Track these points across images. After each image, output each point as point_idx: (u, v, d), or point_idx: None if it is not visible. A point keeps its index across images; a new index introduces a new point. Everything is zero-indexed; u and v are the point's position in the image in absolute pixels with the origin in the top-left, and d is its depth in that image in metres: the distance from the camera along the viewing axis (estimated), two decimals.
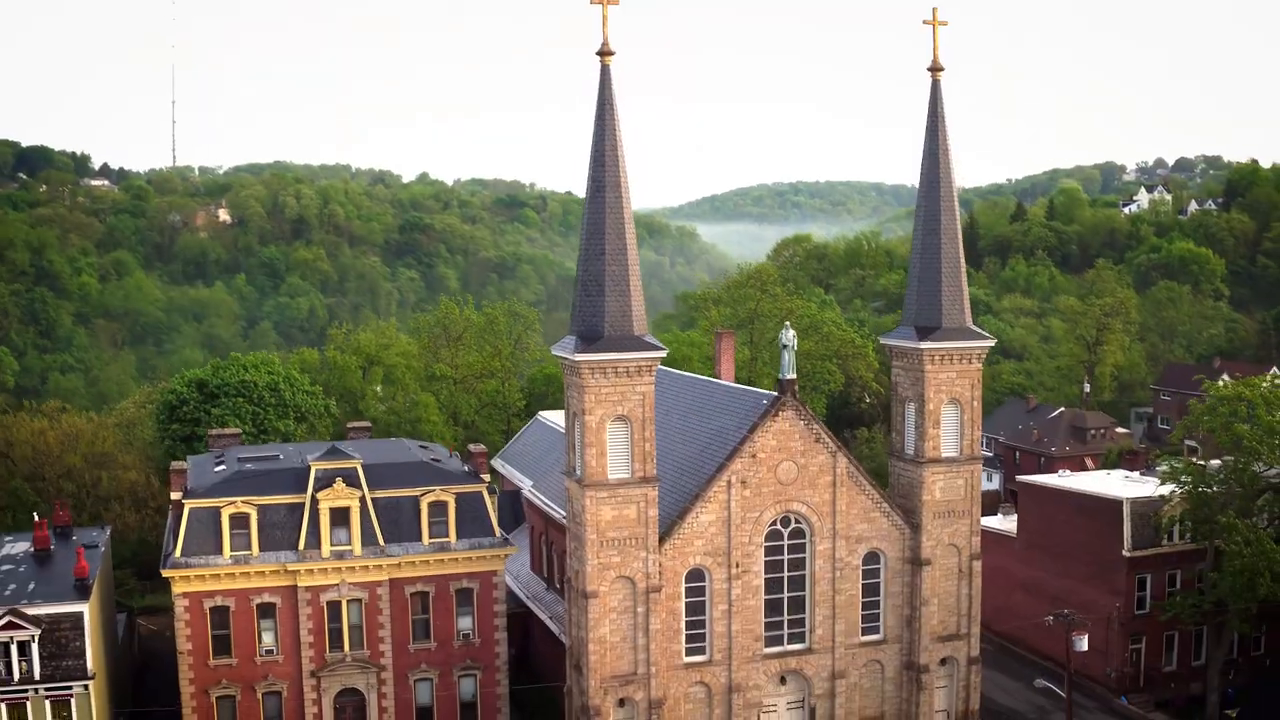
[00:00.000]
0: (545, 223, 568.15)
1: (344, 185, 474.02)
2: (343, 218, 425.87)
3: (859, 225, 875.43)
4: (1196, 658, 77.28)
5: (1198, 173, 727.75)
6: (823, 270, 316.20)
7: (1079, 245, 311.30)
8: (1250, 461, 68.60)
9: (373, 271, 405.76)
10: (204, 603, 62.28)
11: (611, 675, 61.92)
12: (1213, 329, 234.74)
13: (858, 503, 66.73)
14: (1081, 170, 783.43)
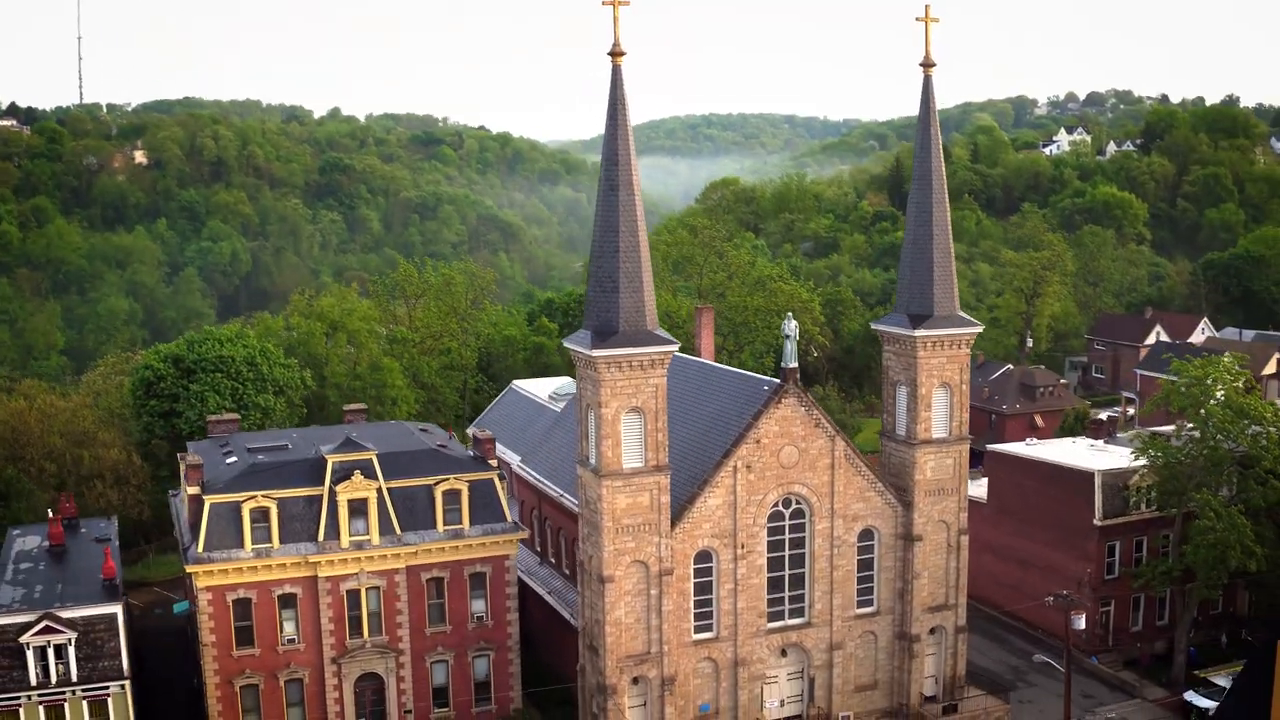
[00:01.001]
0: (463, 160, 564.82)
1: (261, 125, 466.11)
2: (262, 159, 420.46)
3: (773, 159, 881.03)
4: (1160, 618, 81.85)
5: (1108, 107, 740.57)
6: (751, 214, 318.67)
7: (1003, 188, 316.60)
8: (1219, 439, 72.50)
9: (294, 214, 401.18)
10: (227, 595, 63.61)
11: (627, 655, 64.54)
12: (1137, 272, 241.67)
13: (854, 483, 69.69)
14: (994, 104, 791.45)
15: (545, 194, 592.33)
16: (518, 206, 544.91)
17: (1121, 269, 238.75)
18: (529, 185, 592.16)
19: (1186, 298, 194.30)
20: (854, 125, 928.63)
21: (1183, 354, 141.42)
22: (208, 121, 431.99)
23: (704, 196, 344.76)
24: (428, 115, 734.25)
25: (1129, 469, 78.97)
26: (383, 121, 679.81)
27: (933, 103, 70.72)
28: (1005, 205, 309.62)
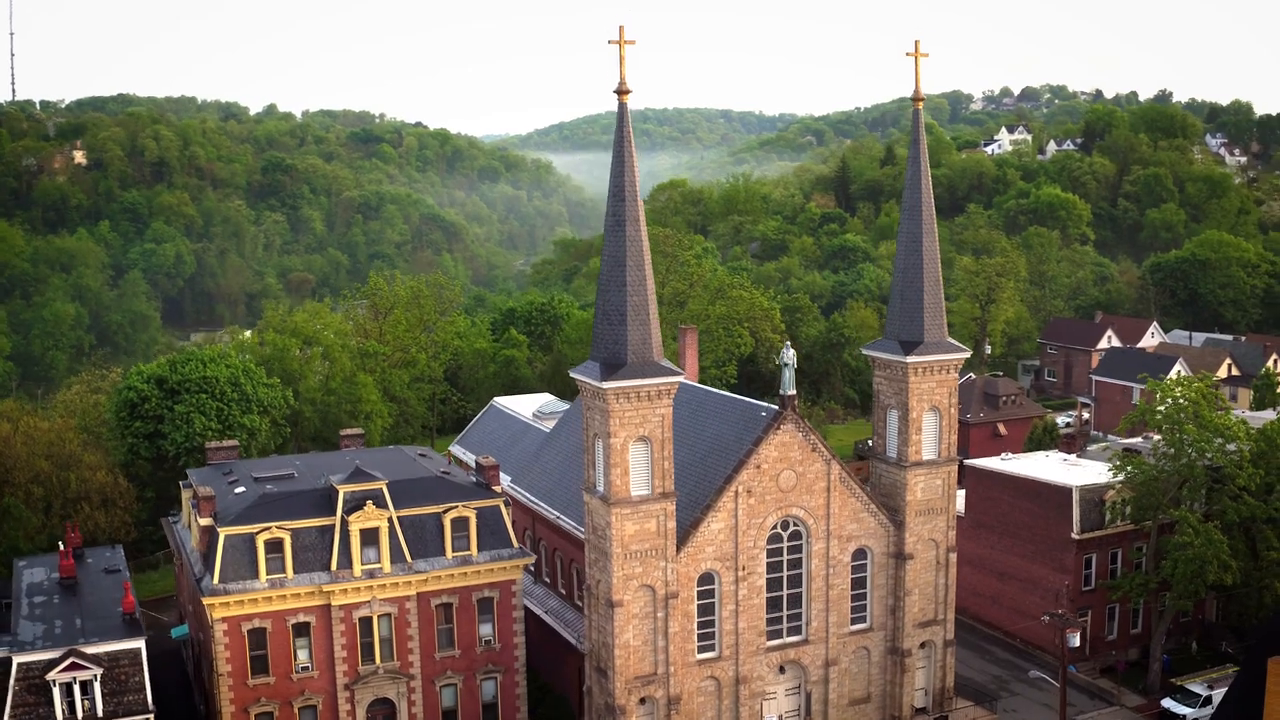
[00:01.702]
0: (403, 158, 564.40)
1: (201, 124, 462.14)
2: (204, 159, 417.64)
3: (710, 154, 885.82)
4: (1134, 627, 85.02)
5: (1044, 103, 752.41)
6: (699, 215, 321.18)
7: (948, 189, 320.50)
8: (1193, 456, 75.54)
9: (238, 215, 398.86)
10: (242, 626, 64.60)
11: (635, 676, 66.41)
12: (1082, 273, 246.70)
13: (849, 505, 71.99)
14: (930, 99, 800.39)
15: (485, 191, 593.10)
16: (458, 205, 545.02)
17: (1067, 270, 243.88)
18: (469, 183, 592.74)
19: (1135, 301, 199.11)
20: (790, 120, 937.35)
21: (1135, 359, 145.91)
22: (147, 121, 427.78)
23: (651, 199, 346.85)
24: (364, 112, 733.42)
25: (1105, 484, 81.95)
26: (319, 119, 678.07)
27: (922, 137, 73.28)
28: (950, 205, 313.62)
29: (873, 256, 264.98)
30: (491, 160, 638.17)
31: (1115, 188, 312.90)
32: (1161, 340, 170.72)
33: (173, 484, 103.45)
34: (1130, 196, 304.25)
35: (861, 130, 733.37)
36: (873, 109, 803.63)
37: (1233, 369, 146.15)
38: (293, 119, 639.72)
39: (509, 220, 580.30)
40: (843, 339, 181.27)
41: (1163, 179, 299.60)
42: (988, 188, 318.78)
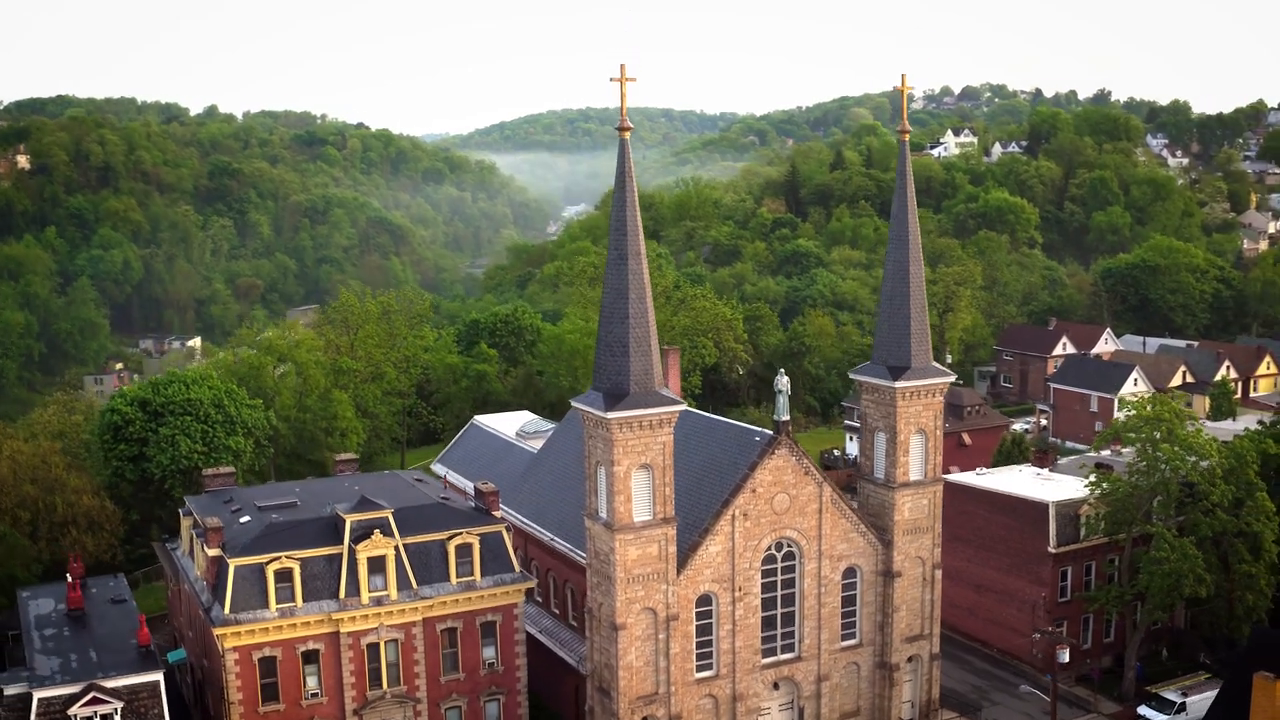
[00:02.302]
0: (347, 160, 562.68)
1: (145, 128, 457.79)
2: (149, 164, 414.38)
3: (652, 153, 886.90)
4: (1107, 635, 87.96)
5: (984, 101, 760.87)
6: (651, 220, 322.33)
7: None
8: (1167, 474, 78.44)
9: (185, 220, 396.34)
10: (253, 655, 65.72)
11: (638, 696, 68.25)
12: (1031, 276, 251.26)
13: (839, 526, 74.22)
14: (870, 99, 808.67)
15: (430, 193, 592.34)
16: (403, 207, 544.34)
17: (1016, 274, 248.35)
18: (413, 185, 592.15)
19: (1089, 307, 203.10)
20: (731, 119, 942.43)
21: (1092, 368, 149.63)
22: (91, 125, 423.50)
23: (603, 204, 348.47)
24: (305, 112, 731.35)
25: (1080, 499, 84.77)
26: (261, 120, 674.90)
27: (908, 169, 75.76)
28: None
29: (825, 262, 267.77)
30: (435, 162, 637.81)
31: (1061, 191, 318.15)
32: (1116, 347, 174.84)
33: (157, 506, 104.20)
34: (1076, 199, 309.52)
35: (804, 130, 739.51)
36: (815, 108, 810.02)
37: (1187, 376, 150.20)
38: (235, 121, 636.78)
39: (454, 222, 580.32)
40: (804, 348, 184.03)
41: (1108, 182, 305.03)
42: (936, 191, 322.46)
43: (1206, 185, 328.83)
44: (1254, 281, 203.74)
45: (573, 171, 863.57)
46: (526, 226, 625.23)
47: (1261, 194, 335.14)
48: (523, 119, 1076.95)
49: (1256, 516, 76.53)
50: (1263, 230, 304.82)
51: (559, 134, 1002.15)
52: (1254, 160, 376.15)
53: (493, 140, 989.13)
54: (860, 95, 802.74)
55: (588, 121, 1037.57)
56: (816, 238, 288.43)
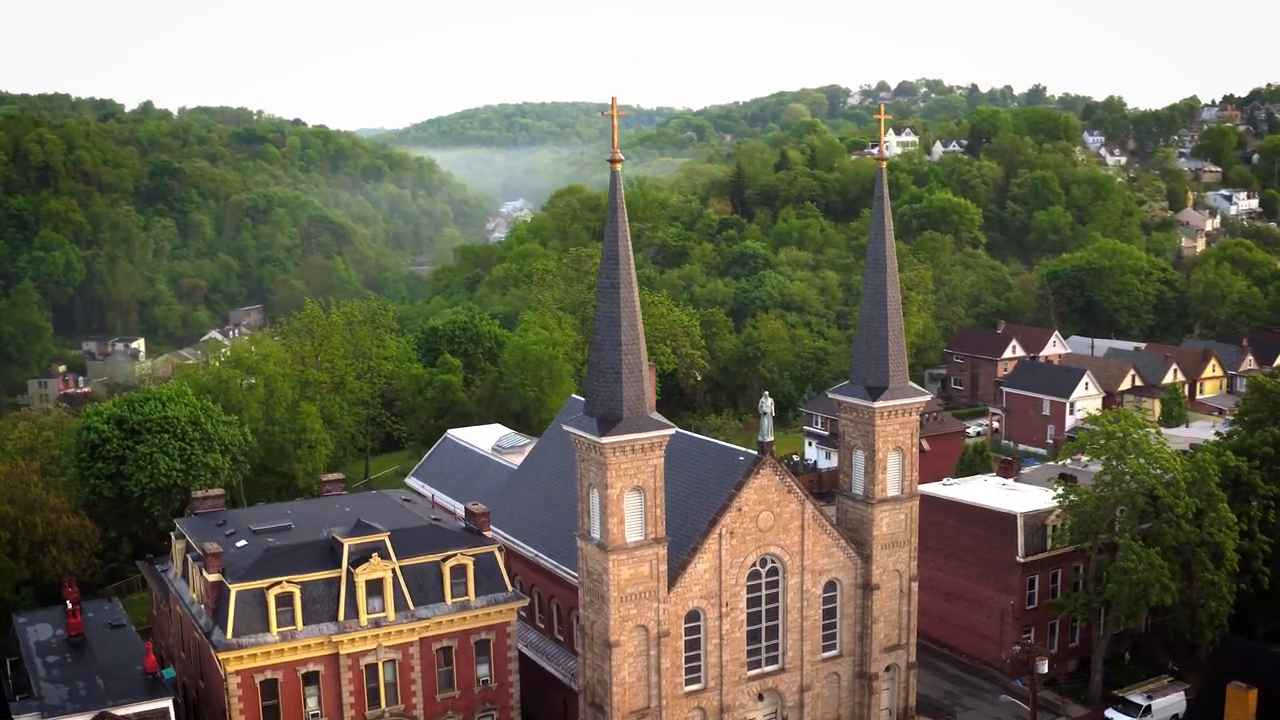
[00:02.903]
0: (286, 158, 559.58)
1: (84, 127, 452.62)
2: (90, 164, 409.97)
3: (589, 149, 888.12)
4: (1072, 640, 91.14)
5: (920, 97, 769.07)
6: (598, 221, 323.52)
7: (841, 193, 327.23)
8: (1135, 488, 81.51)
9: (127, 221, 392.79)
10: (255, 678, 66.86)
11: (630, 711, 70.21)
12: (975, 276, 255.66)
13: (820, 541, 76.55)
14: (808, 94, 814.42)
15: (369, 191, 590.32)
16: (343, 205, 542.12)
17: (961, 274, 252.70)
18: (353, 183, 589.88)
19: (1036, 309, 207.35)
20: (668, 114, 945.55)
21: (1043, 372, 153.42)
22: (29, 124, 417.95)
23: (550, 204, 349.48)
24: (242, 109, 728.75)
25: (1046, 510, 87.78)
26: (198, 116, 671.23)
27: (885, 194, 78.18)
28: (844, 209, 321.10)
29: (773, 263, 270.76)
30: (374, 159, 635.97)
31: (1003, 190, 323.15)
32: (1064, 350, 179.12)
33: (133, 523, 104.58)
34: (1018, 199, 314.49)
35: (742, 125, 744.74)
36: (752, 103, 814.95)
37: (1136, 380, 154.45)
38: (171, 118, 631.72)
39: (394, 220, 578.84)
40: (758, 352, 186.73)
41: (1049, 182, 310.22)
42: None
43: (1145, 183, 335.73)
44: (1196, 283, 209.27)
45: (510, 167, 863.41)
46: (466, 224, 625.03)
47: (1198, 191, 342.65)
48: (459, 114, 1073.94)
49: (1218, 527, 79.82)
50: (1200, 228, 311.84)
51: (496, 129, 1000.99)
52: (1189, 158, 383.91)
53: (429, 136, 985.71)
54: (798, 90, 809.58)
55: (524, 117, 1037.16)
56: (763, 239, 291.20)
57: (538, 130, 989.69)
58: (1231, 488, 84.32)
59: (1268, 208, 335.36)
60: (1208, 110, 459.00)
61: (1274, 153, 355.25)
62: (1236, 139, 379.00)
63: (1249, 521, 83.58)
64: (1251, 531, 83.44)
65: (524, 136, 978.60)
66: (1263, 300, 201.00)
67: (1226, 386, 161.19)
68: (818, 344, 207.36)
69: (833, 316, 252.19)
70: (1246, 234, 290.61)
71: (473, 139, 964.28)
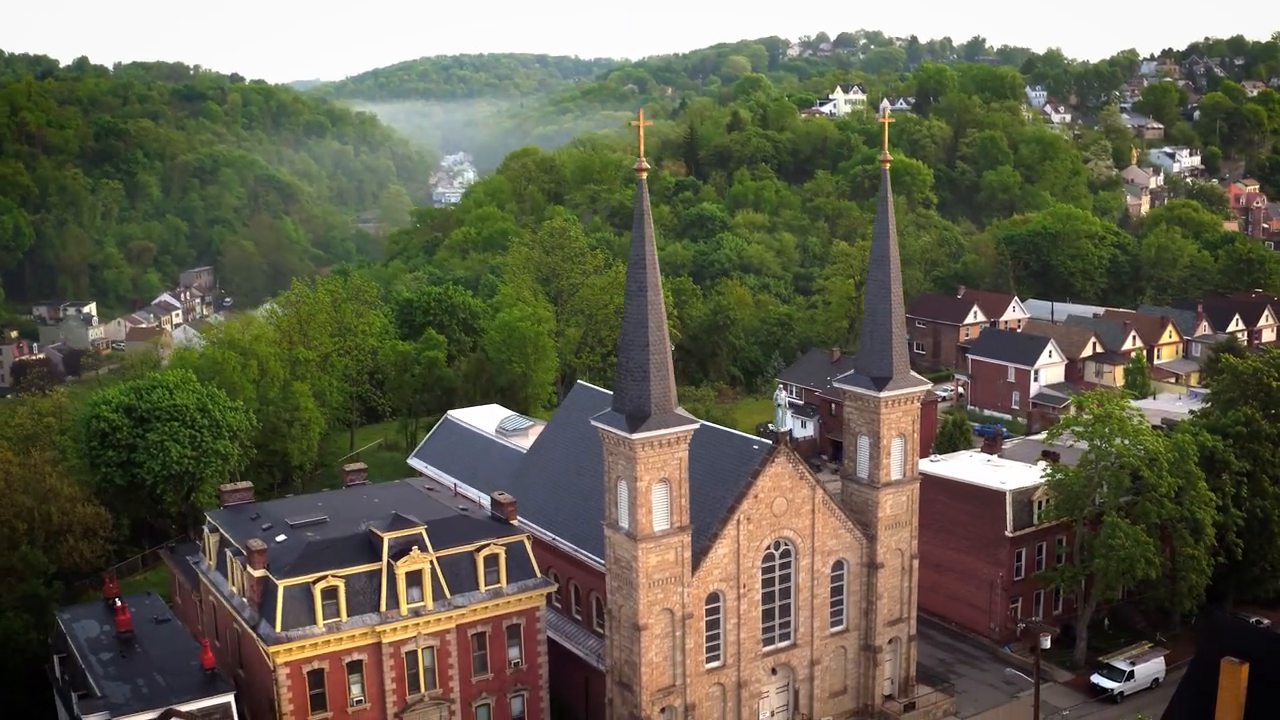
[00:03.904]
0: (229, 116, 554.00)
1: (26, 87, 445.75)
2: (34, 126, 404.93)
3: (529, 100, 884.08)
4: (1056, 608, 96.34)
5: (860, 48, 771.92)
6: (553, 183, 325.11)
7: (793, 153, 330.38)
8: (1119, 469, 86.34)
9: (74, 184, 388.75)
10: (302, 669, 69.99)
11: (657, 689, 74.33)
12: (928, 237, 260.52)
13: (829, 524, 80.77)
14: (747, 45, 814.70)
15: (312, 147, 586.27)
16: (287, 162, 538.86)
17: (914, 235, 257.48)
18: (295, 139, 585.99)
19: (995, 274, 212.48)
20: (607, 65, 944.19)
21: (1008, 340, 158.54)
22: None
23: (504, 166, 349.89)
24: (178, 63, 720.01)
25: (1033, 487, 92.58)
26: (135, 72, 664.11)
27: (889, 195, 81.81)
28: (796, 170, 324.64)
29: (730, 225, 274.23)
30: (316, 115, 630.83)
31: (952, 150, 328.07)
32: (1024, 315, 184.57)
33: (144, 509, 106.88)
34: (967, 159, 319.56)
35: (683, 78, 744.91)
36: (692, 55, 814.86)
37: (1097, 347, 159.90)
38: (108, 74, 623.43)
39: (337, 176, 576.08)
40: (728, 320, 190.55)
41: (998, 141, 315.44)
42: (832, 152, 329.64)
43: (1090, 141, 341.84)
44: (1148, 247, 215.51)
45: (449, 120, 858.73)
46: (409, 179, 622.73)
47: (1141, 149, 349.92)
48: (397, 66, 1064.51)
49: (1198, 504, 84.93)
50: (1145, 186, 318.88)
51: (434, 81, 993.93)
52: (1131, 113, 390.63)
53: (367, 88, 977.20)
54: (737, 42, 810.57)
55: (462, 69, 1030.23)
56: (719, 201, 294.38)
57: (476, 82, 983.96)
58: (1207, 464, 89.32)
59: (1209, 165, 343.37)
60: (1147, 64, 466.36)
61: (1215, 110, 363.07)
62: (1178, 95, 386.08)
63: (1223, 496, 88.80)
64: (1226, 506, 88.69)
65: (462, 89, 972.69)
66: (1213, 264, 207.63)
67: (1183, 352, 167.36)
68: (782, 309, 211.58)
69: (790, 279, 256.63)
70: (1191, 194, 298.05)
71: (411, 91, 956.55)
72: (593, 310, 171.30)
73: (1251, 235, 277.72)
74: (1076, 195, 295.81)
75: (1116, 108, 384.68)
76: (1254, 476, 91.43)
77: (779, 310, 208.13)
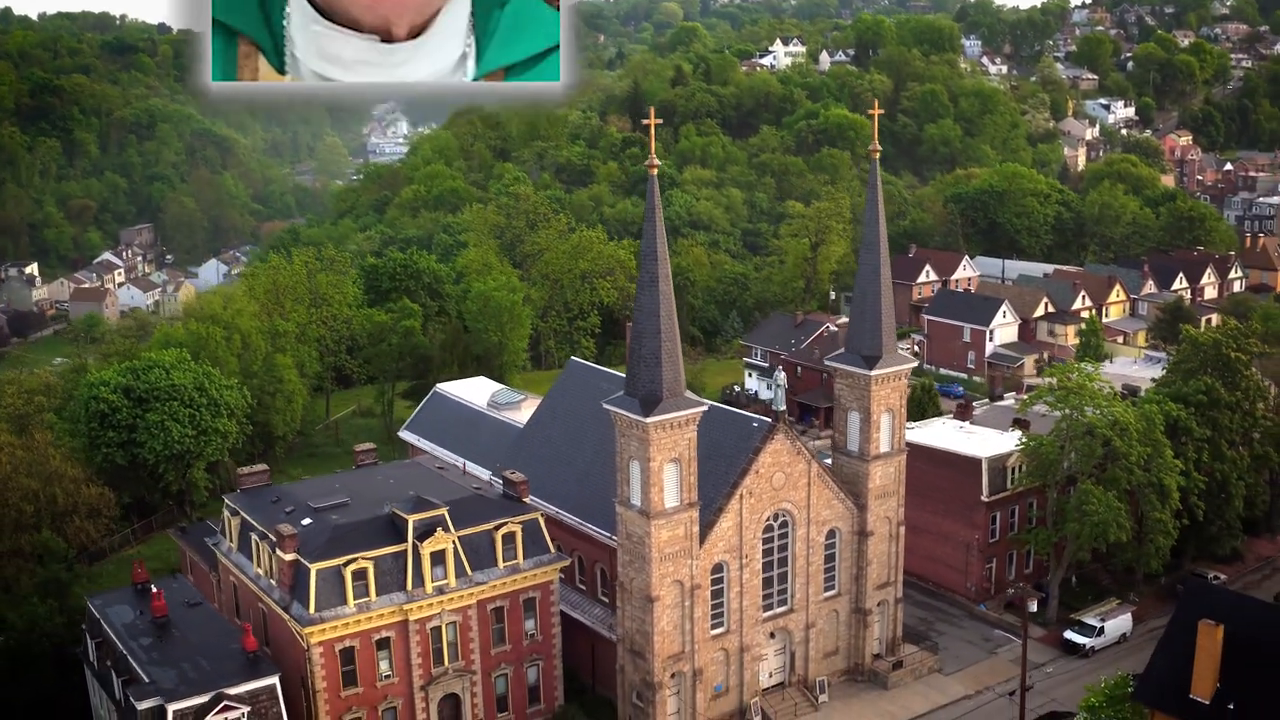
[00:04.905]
0: (161, 68, 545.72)
1: None
2: None
3: None
4: (1027, 568, 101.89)
5: None
6: (499, 140, 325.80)
7: (736, 108, 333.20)
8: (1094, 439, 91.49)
9: (12, 142, 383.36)
10: (335, 647, 73.49)
11: (668, 656, 78.73)
12: None
13: (824, 495, 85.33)
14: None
15: None
16: (221, 114, 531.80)
17: (859, 190, 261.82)
18: None
19: (944, 232, 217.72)
20: None
21: (963, 301, 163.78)
22: None
23: (450, 124, 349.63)
24: (104, 13, 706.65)
25: (1007, 454, 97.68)
26: (61, 23, 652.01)
27: (878, 183, 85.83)
28: (740, 124, 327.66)
29: (679, 182, 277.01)
30: None
31: (893, 103, 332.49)
32: (975, 273, 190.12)
33: (144, 488, 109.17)
34: (908, 112, 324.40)
35: (614, 24, 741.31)
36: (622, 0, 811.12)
37: (1048, 306, 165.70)
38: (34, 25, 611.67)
39: (271, 128, 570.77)
40: (688, 281, 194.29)
41: (938, 95, 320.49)
42: (775, 106, 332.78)
43: (1026, 91, 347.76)
44: (1091, 204, 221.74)
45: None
46: (343, 129, 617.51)
47: (1077, 100, 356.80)
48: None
49: (1165, 471, 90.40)
50: (1081, 137, 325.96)
51: None
52: (1065, 63, 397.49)
53: None
54: None
55: None
56: (666, 157, 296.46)
57: None
58: (1171, 432, 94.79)
59: (1144, 116, 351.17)
60: (1079, 12, 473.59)
61: (1148, 61, 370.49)
62: (1112, 46, 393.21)
63: (1185, 462, 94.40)
64: (1188, 471, 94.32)
65: None
66: (1154, 221, 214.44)
67: (1129, 310, 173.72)
68: (738, 269, 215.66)
69: (739, 234, 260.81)
70: (1127, 146, 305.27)
71: None
72: (558, 275, 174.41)
73: (1187, 187, 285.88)
74: (1016, 149, 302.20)
75: (1051, 59, 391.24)
76: (1213, 442, 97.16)
77: (734, 270, 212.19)
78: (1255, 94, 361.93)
